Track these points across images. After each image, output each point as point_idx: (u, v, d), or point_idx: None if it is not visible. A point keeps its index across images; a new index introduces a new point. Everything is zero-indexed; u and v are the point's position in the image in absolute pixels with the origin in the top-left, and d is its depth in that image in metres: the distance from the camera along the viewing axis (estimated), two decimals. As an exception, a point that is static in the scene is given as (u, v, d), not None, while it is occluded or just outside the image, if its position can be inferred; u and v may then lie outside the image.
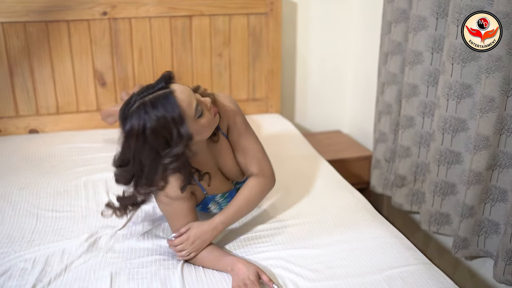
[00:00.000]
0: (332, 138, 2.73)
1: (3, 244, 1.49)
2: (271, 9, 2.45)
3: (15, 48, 2.24)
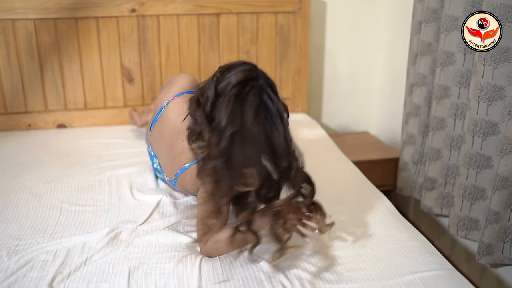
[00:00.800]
0: (359, 139, 2.69)
1: (27, 236, 1.52)
2: (299, 7, 2.43)
3: (45, 44, 2.28)
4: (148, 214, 1.62)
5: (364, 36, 2.68)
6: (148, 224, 1.58)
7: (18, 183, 1.84)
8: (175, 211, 1.66)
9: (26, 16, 2.23)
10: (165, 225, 1.57)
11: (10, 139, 2.28)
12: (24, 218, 1.62)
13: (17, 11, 2.21)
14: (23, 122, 2.37)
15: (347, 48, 2.70)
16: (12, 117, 2.36)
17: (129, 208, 1.68)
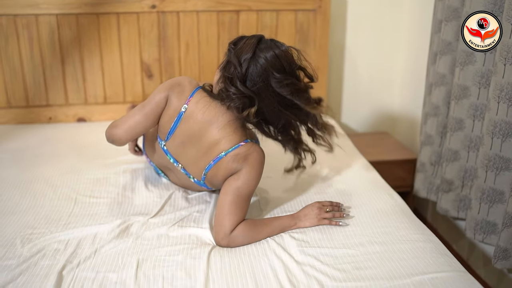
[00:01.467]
0: (378, 140, 2.65)
1: (41, 225, 1.54)
2: (319, 5, 2.41)
3: (67, 39, 2.32)
4: (160, 207, 1.64)
5: (385, 35, 2.65)
6: (159, 217, 1.59)
7: (36, 174, 1.88)
8: (186, 205, 1.66)
9: (49, 12, 2.27)
10: (176, 219, 1.58)
11: (31, 131, 2.32)
12: (39, 208, 1.65)
13: (41, 6, 2.26)
14: (44, 115, 2.42)
15: (368, 47, 2.67)
16: (34, 110, 2.40)
17: (142, 201, 1.69)
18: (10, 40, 2.29)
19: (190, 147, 1.57)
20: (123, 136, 1.61)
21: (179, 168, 1.64)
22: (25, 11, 2.26)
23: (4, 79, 2.34)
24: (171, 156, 1.63)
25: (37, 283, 1.27)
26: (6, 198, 1.71)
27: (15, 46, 2.30)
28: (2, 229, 1.52)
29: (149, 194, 1.73)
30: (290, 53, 1.50)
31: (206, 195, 1.73)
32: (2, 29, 2.27)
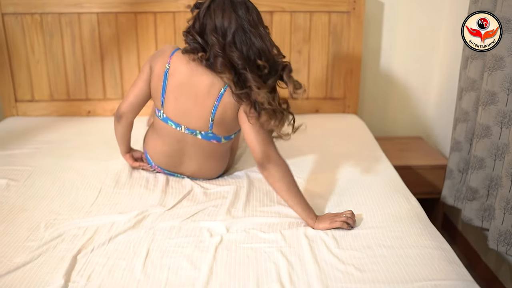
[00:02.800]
0: (411, 144, 2.61)
1: (65, 211, 1.63)
2: (353, 7, 2.40)
3: (106, 36, 2.43)
4: (177, 201, 1.69)
5: (422, 39, 2.60)
6: (175, 209, 1.64)
7: (69, 164, 1.98)
8: (204, 199, 1.71)
9: (91, 10, 2.38)
10: (192, 212, 1.62)
11: (70, 124, 2.45)
12: (66, 196, 1.74)
13: (83, 5, 2.37)
14: (84, 109, 2.54)
15: (404, 50, 2.63)
16: (74, 103, 2.53)
17: (161, 194, 1.75)
18: (54, 37, 2.42)
19: (186, 100, 1.65)
20: (125, 108, 1.78)
21: (183, 130, 1.69)
22: (69, 9, 2.38)
23: (48, 74, 2.48)
24: (172, 121, 1.70)
25: (53, 265, 1.35)
26: (39, 185, 1.82)
27: (59, 42, 2.43)
28: (31, 213, 1.62)
29: (170, 188, 1.79)
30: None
31: (225, 191, 1.77)
32: (47, 26, 2.41)
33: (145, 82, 1.73)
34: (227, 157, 1.88)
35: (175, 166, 1.83)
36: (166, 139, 1.76)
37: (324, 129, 2.36)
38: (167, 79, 1.66)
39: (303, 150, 2.12)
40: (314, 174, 1.90)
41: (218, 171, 1.86)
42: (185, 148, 1.76)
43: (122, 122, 1.82)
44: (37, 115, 2.54)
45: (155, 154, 1.83)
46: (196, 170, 1.83)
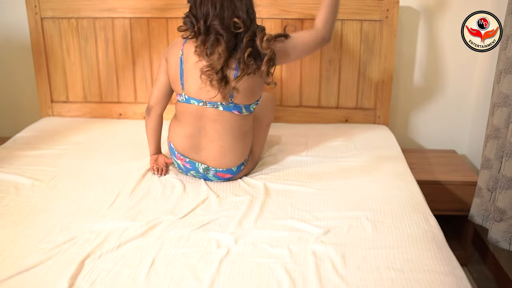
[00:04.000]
0: (443, 158, 2.51)
1: (81, 214, 1.67)
2: (386, 16, 2.34)
3: (138, 41, 2.47)
4: (190, 209, 1.70)
5: (459, 49, 2.49)
6: (188, 218, 1.65)
7: (93, 166, 2.03)
8: (218, 209, 1.71)
9: (124, 15, 2.43)
10: (203, 221, 1.63)
11: (101, 125, 2.51)
12: (85, 198, 1.78)
13: (117, 10, 2.43)
14: (115, 111, 2.59)
15: (439, 61, 2.53)
16: (106, 105, 2.59)
17: (177, 201, 1.76)
18: (89, 40, 2.49)
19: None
20: (152, 102, 1.95)
21: (205, 105, 1.79)
22: (103, 14, 2.44)
23: (82, 76, 2.55)
24: (194, 99, 1.80)
25: (61, 268, 1.38)
26: (61, 186, 1.88)
27: (93, 46, 2.50)
28: (49, 215, 1.67)
29: (186, 196, 1.80)
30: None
31: (240, 201, 1.76)
32: (83, 30, 2.48)
33: (164, 74, 1.89)
34: (248, 140, 1.90)
35: (196, 151, 1.87)
36: (188, 121, 1.85)
37: (351, 139, 2.31)
38: (182, 64, 1.79)
39: (324, 159, 2.09)
40: (331, 185, 1.86)
41: (239, 156, 1.87)
42: (206, 126, 1.83)
43: (152, 115, 1.96)
44: (71, 116, 2.62)
45: (177, 138, 1.89)
46: (217, 155, 1.85)
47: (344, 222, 1.61)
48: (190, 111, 1.83)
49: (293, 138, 2.33)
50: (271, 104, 2.18)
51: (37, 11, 2.46)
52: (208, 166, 1.88)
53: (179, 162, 1.92)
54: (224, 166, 1.88)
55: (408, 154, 2.52)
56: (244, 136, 1.88)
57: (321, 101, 2.52)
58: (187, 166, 1.91)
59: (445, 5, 2.42)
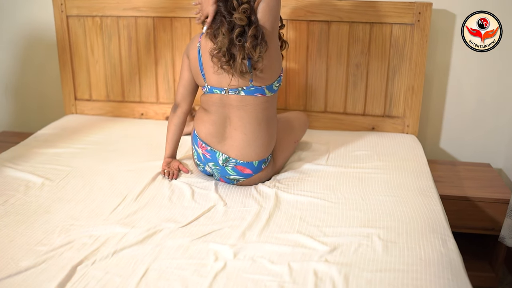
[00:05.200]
0: (476, 172, 2.35)
1: (84, 217, 1.64)
2: (418, 19, 2.20)
3: (161, 41, 2.43)
4: (194, 217, 1.64)
5: (499, 55, 2.32)
6: (190, 226, 1.59)
7: (105, 167, 2.00)
8: (222, 219, 1.64)
9: (147, 14, 2.40)
10: (205, 231, 1.56)
11: (122, 125, 2.49)
12: (90, 200, 1.75)
13: (140, 9, 2.40)
14: (137, 111, 2.57)
15: (477, 67, 2.37)
16: (128, 105, 2.57)
17: (182, 208, 1.70)
18: (112, 39, 2.47)
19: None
20: (179, 99, 1.96)
21: (227, 93, 1.78)
22: (127, 13, 2.42)
23: (106, 75, 2.54)
24: (217, 88, 1.80)
25: (52, 273, 1.35)
26: (70, 187, 1.85)
27: (116, 45, 2.48)
28: (52, 216, 1.65)
29: (193, 203, 1.74)
30: None
31: (247, 211, 1.68)
32: (107, 29, 2.46)
33: (187, 71, 1.90)
34: (271, 132, 1.86)
35: (219, 140, 1.84)
36: (213, 109, 1.84)
37: (375, 149, 2.19)
38: (201, 56, 1.80)
39: (344, 169, 1.98)
40: (346, 198, 1.75)
41: (262, 148, 1.83)
42: (231, 114, 1.81)
43: (178, 111, 1.97)
44: (94, 114, 2.61)
45: (202, 124, 1.87)
46: (241, 144, 1.81)
47: (354, 240, 1.51)
48: (214, 100, 1.82)
49: (315, 145, 2.23)
50: (304, 124, 2.18)
51: (63, 9, 2.46)
52: (229, 157, 1.83)
53: (200, 151, 1.89)
54: (246, 158, 1.82)
55: (438, 166, 2.39)
56: (268, 124, 1.84)
57: (347, 107, 2.41)
58: (207, 156, 1.86)
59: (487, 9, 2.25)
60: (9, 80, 2.81)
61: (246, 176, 1.85)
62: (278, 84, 1.83)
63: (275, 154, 1.93)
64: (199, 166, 1.93)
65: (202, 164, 1.90)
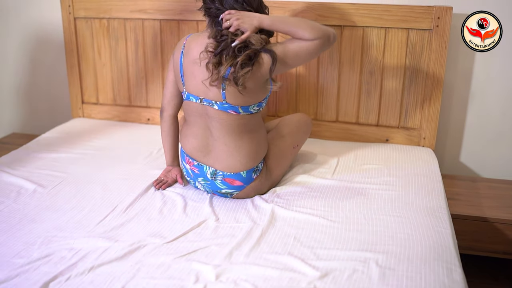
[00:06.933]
0: (497, 189, 2.18)
1: (69, 228, 1.57)
2: (437, 25, 2.05)
3: (168, 44, 2.36)
4: (182, 233, 1.55)
5: (525, 65, 2.15)
6: (176, 242, 1.50)
7: (99, 175, 1.94)
8: (211, 235, 1.54)
9: (154, 17, 2.33)
10: (191, 248, 1.47)
11: (128, 130, 2.43)
12: (79, 210, 1.69)
13: (147, 11, 2.33)
14: (144, 116, 2.50)
15: (502, 77, 2.20)
16: (135, 109, 2.51)
17: (172, 221, 1.62)
18: (119, 41, 2.42)
19: (200, 72, 1.67)
20: (164, 103, 1.87)
21: (202, 102, 1.70)
22: (134, 15, 2.35)
23: (112, 78, 2.49)
24: (193, 96, 1.72)
25: (23, 289, 1.28)
26: (62, 194, 1.80)
27: (123, 47, 2.42)
28: (37, 225, 1.59)
29: (183, 217, 1.65)
30: None
31: (239, 228, 1.58)
32: (114, 31, 2.41)
33: (172, 72, 1.83)
34: (256, 141, 1.76)
35: (204, 153, 1.77)
36: (192, 119, 1.77)
37: (387, 163, 2.05)
38: (183, 59, 1.73)
39: (351, 184, 1.86)
40: (348, 217, 1.63)
41: (247, 158, 1.74)
42: (209, 124, 1.73)
43: (164, 116, 1.88)
44: (101, 118, 2.56)
45: (185, 139, 1.80)
46: (223, 155, 1.73)
47: (348, 265, 1.39)
48: (192, 108, 1.75)
49: (322, 157, 2.11)
50: (305, 127, 2.02)
51: (71, 11, 2.42)
52: (216, 170, 1.74)
53: (188, 167, 1.81)
54: (231, 169, 1.73)
55: (456, 182, 2.24)
56: (250, 135, 1.74)
57: (359, 117, 2.28)
58: (195, 171, 1.78)
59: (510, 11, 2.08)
60: (20, 82, 2.79)
61: (238, 189, 1.75)
62: (258, 108, 1.73)
63: (270, 162, 1.83)
64: (190, 182, 1.85)
65: (193, 180, 1.82)
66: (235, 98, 1.66)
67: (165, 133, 1.91)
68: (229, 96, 1.65)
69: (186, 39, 1.76)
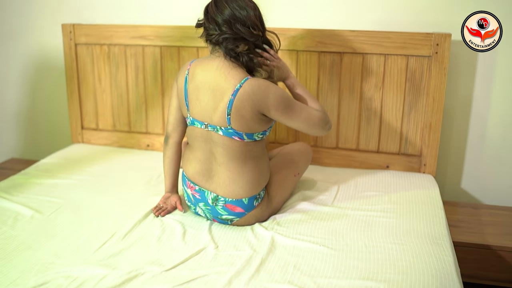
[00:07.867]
0: (499, 216, 2.16)
1: (66, 255, 1.55)
2: (436, 51, 2.06)
3: (168, 70, 2.37)
4: (181, 261, 1.52)
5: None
6: (174, 270, 1.48)
7: (98, 201, 1.92)
8: (210, 264, 1.52)
9: (155, 43, 2.35)
10: (189, 277, 1.44)
11: (127, 156, 2.42)
12: (76, 238, 1.67)
13: (148, 38, 2.35)
14: (143, 142, 2.50)
15: (503, 103, 2.20)
16: (135, 135, 2.50)
17: (171, 249, 1.60)
18: (120, 67, 2.43)
19: (205, 97, 1.68)
20: (169, 129, 1.88)
21: (207, 128, 1.70)
22: (134, 41, 2.37)
23: (112, 104, 2.49)
24: (198, 121, 1.72)
25: (17, 320, 1.26)
26: (59, 221, 1.78)
27: (123, 73, 2.43)
28: (34, 252, 1.57)
29: (182, 244, 1.63)
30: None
31: (238, 256, 1.56)
32: (114, 57, 2.42)
33: (176, 98, 1.83)
34: (260, 169, 1.75)
35: (207, 178, 1.75)
36: (196, 144, 1.76)
37: (387, 190, 2.04)
38: (187, 84, 1.73)
39: (352, 211, 1.84)
40: (349, 245, 1.61)
41: (250, 185, 1.72)
42: (213, 149, 1.72)
43: (169, 142, 1.88)
44: (100, 144, 2.56)
45: (188, 163, 1.79)
46: (226, 181, 1.71)
47: (350, 293, 1.36)
48: (197, 133, 1.74)
49: (323, 184, 2.10)
50: (306, 155, 2.04)
51: (72, 37, 2.44)
52: (218, 196, 1.72)
53: (189, 192, 1.79)
54: (234, 196, 1.71)
55: (458, 209, 2.22)
56: (253, 162, 1.73)
57: (359, 144, 2.27)
58: (196, 196, 1.77)
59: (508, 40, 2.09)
60: (20, 107, 2.80)
61: (239, 215, 1.73)
62: (262, 136, 1.73)
63: (271, 190, 1.82)
64: (191, 207, 1.83)
65: (193, 205, 1.80)
66: (240, 124, 1.65)
67: (169, 159, 1.90)
68: (234, 121, 1.65)
69: (190, 64, 1.76)
